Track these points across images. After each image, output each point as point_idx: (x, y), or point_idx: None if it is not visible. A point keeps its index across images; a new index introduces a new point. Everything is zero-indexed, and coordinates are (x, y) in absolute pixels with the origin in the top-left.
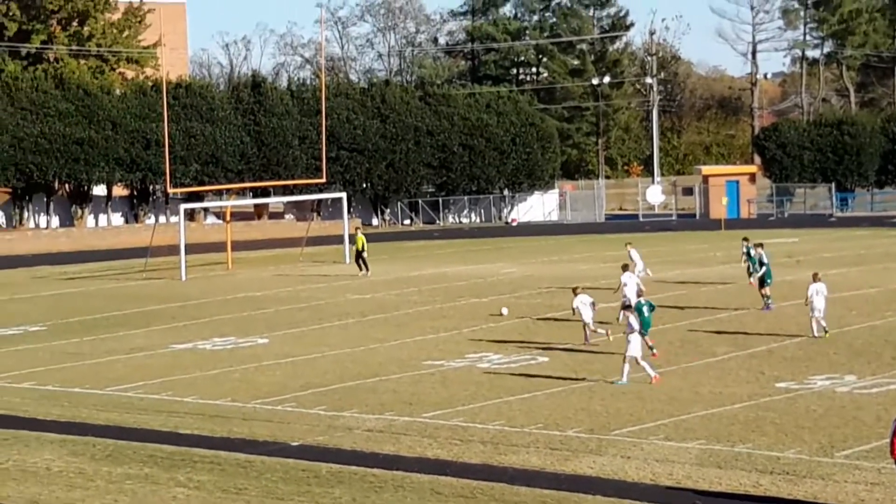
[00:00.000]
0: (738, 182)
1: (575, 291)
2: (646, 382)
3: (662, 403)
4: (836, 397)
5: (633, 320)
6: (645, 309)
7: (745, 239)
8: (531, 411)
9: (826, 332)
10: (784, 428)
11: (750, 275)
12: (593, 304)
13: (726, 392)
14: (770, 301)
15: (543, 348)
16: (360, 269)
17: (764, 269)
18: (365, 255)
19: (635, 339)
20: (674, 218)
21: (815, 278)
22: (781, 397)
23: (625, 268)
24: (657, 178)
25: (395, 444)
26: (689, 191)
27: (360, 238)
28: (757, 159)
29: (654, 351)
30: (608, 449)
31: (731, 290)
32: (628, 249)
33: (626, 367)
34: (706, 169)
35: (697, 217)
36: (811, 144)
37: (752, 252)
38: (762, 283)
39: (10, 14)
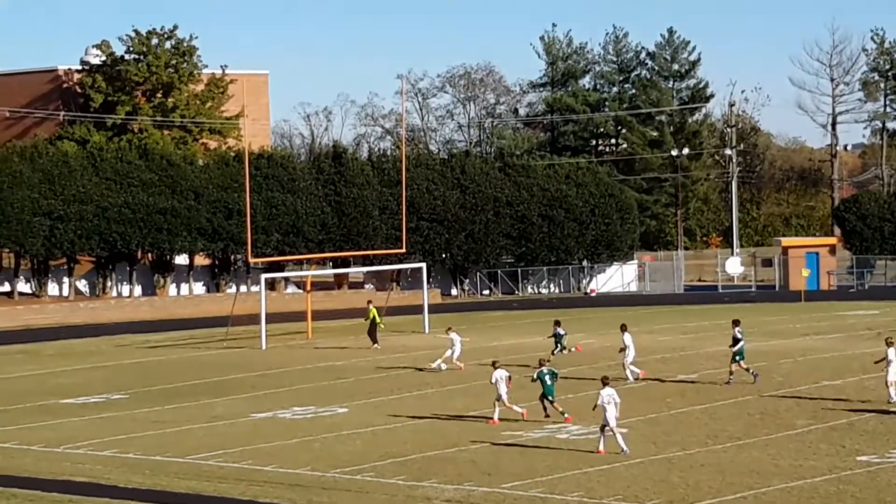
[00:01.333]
0: (818, 254)
1: (494, 365)
2: (725, 454)
3: (742, 476)
4: None
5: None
6: (547, 378)
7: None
8: (610, 482)
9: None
10: (865, 502)
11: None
12: (509, 378)
13: (806, 465)
14: (732, 378)
15: (623, 419)
16: (373, 343)
17: (739, 345)
18: (381, 327)
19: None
20: (753, 289)
21: (889, 343)
22: (863, 471)
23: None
24: (736, 250)
25: None
26: (768, 262)
27: (373, 310)
28: (837, 231)
29: (567, 416)
30: None
31: (811, 363)
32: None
33: (618, 435)
34: (786, 240)
35: (777, 288)
36: (892, 216)
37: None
38: (734, 358)
39: (96, 86)
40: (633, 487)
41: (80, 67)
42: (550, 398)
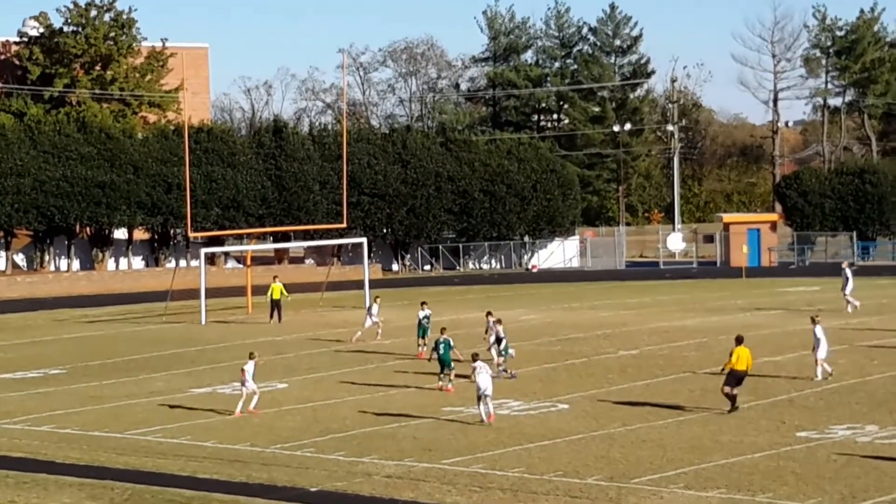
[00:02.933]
0: (759, 230)
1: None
2: (666, 429)
3: (682, 452)
4: (858, 447)
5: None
6: (441, 346)
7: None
8: (551, 458)
9: (830, 374)
10: (805, 478)
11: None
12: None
13: (747, 441)
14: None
15: (564, 395)
16: (271, 318)
17: (503, 342)
18: (285, 301)
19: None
20: (694, 265)
21: (814, 321)
22: (802, 447)
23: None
24: (678, 226)
25: (414, 491)
26: (709, 238)
27: (276, 287)
28: (778, 207)
29: (449, 386)
30: (628, 497)
31: (750, 339)
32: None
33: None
34: (727, 217)
35: (718, 265)
36: (832, 193)
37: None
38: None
39: (34, 58)
40: (574, 463)
41: (17, 39)
42: (449, 367)
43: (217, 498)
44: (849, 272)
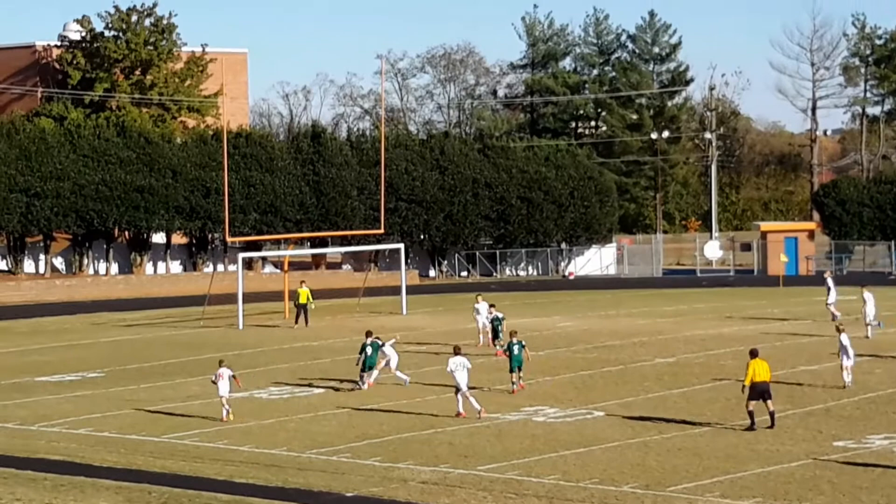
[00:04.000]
0: (796, 238)
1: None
2: (702, 438)
3: (718, 460)
4: (895, 458)
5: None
6: (515, 348)
7: (479, 298)
8: (587, 466)
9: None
10: (841, 488)
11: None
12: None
13: (783, 450)
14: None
15: (600, 402)
16: (297, 322)
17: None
18: (311, 307)
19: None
20: (731, 274)
21: (839, 330)
22: (839, 456)
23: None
24: (715, 234)
25: (450, 497)
26: (747, 247)
27: (304, 291)
28: (816, 216)
29: (521, 384)
30: None
31: (788, 347)
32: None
33: (471, 399)
34: (765, 225)
35: (755, 273)
36: (871, 202)
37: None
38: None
39: (75, 62)
40: (610, 471)
41: (58, 43)
42: (518, 367)
43: (254, 502)
44: (830, 282)
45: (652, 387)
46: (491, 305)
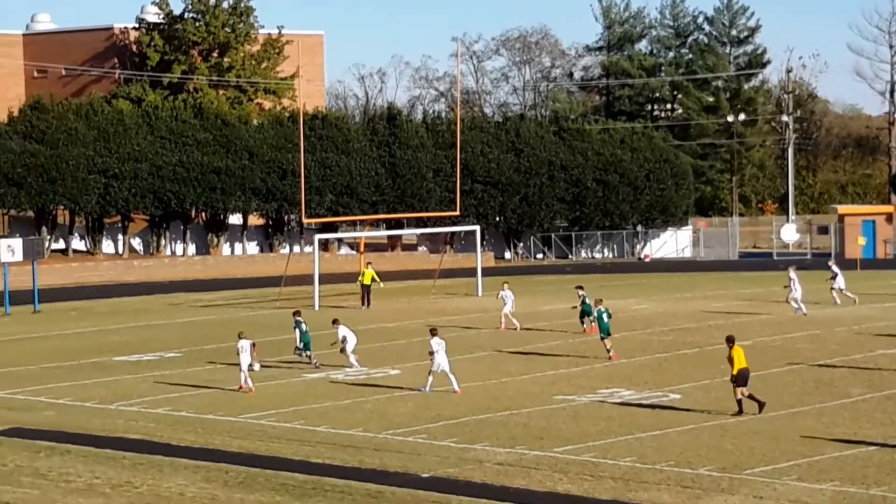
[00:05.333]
0: (874, 222)
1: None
2: (779, 421)
3: (796, 443)
4: None
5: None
6: (604, 316)
7: (505, 286)
8: (663, 448)
9: None
10: None
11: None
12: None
13: (860, 433)
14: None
15: (675, 385)
16: (363, 304)
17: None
18: (379, 286)
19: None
20: (808, 257)
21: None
22: None
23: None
24: (792, 217)
25: (526, 479)
26: (824, 230)
27: (368, 272)
28: (894, 199)
29: (612, 353)
30: (740, 488)
31: (866, 331)
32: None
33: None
34: (842, 208)
35: (833, 256)
36: None
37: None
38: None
39: (153, 44)
40: (686, 453)
41: (136, 26)
42: (603, 335)
43: (329, 482)
44: (793, 274)
45: (728, 369)
46: (579, 287)
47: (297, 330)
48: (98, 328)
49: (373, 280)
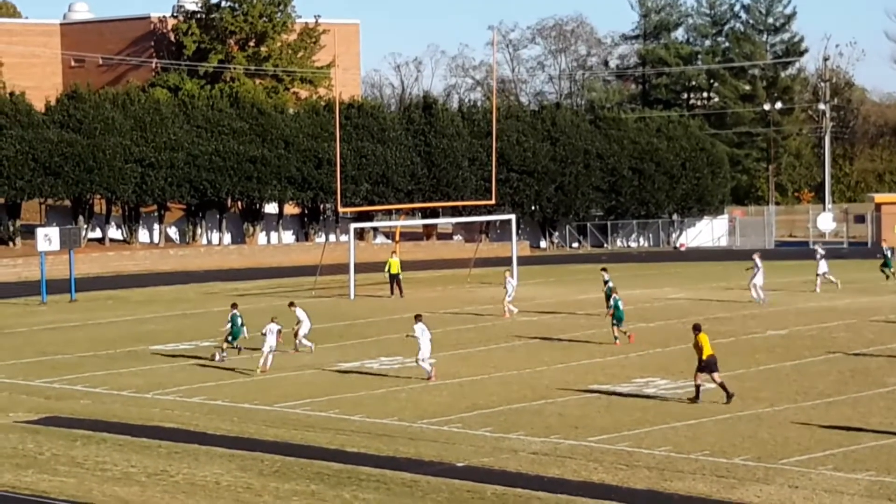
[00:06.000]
0: None
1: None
2: (814, 410)
3: (831, 433)
4: None
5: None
6: (620, 303)
7: (508, 274)
8: (698, 437)
9: None
10: None
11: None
12: (279, 330)
13: None
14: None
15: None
16: (392, 293)
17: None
18: (400, 277)
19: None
20: (845, 246)
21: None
22: None
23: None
24: (828, 205)
25: (560, 468)
26: (860, 218)
27: (394, 262)
28: None
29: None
30: (775, 478)
31: None
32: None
33: (425, 363)
34: (879, 197)
35: (869, 245)
36: None
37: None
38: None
39: (190, 33)
40: (721, 443)
41: (174, 14)
42: (615, 322)
43: (365, 471)
44: (758, 261)
45: (763, 359)
46: (603, 269)
47: (231, 323)
48: (134, 317)
49: (399, 270)
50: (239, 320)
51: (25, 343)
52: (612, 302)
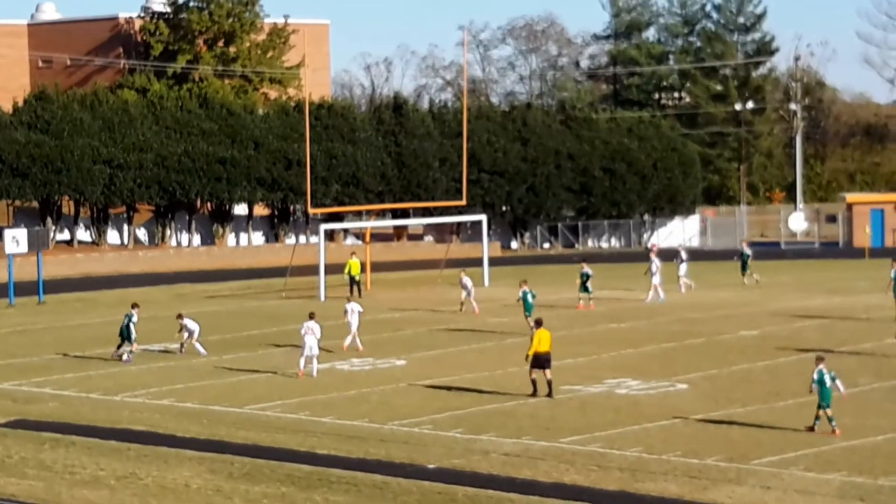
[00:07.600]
0: (882, 210)
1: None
2: (786, 411)
3: (803, 434)
4: None
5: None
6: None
7: (463, 274)
8: (670, 439)
9: None
10: None
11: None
12: (360, 312)
13: (869, 424)
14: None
15: (682, 375)
16: (351, 294)
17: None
18: (358, 279)
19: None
20: (816, 246)
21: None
22: None
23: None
24: (800, 205)
25: (532, 469)
26: (832, 218)
27: (354, 263)
28: None
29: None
30: (747, 479)
31: (874, 320)
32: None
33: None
34: (850, 196)
35: (841, 245)
36: None
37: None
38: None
39: (158, 34)
40: (693, 444)
41: (141, 15)
42: (527, 314)
43: (335, 474)
44: (684, 255)
45: (735, 359)
46: (584, 259)
47: (129, 323)
48: (102, 319)
49: (359, 271)
50: (134, 320)
51: None
52: (521, 296)
